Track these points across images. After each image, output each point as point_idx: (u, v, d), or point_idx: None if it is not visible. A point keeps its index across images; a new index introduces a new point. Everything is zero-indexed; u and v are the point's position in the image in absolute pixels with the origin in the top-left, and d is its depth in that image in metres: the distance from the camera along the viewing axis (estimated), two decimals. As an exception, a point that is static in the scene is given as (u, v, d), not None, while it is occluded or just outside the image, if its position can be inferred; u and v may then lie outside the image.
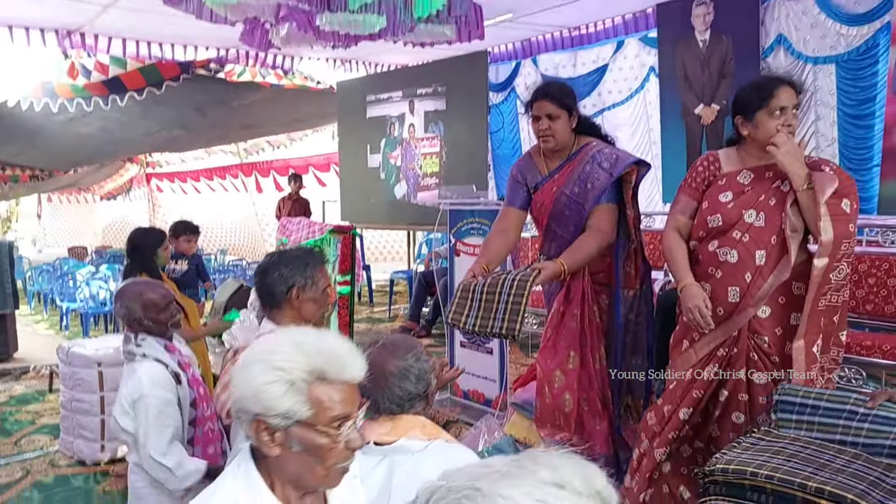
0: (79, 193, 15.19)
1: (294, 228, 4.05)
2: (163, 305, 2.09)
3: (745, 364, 2.09)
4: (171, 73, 6.20)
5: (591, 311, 2.47)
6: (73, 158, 10.24)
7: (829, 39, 4.81)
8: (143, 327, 2.07)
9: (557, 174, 2.51)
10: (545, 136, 2.45)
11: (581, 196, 2.44)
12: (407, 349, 1.42)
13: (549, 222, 2.53)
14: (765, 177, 2.10)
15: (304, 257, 1.85)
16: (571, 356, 2.47)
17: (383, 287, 7.71)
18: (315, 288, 1.83)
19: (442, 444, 1.36)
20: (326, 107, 7.83)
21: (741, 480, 1.56)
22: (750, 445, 1.71)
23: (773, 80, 2.11)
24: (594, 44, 6.37)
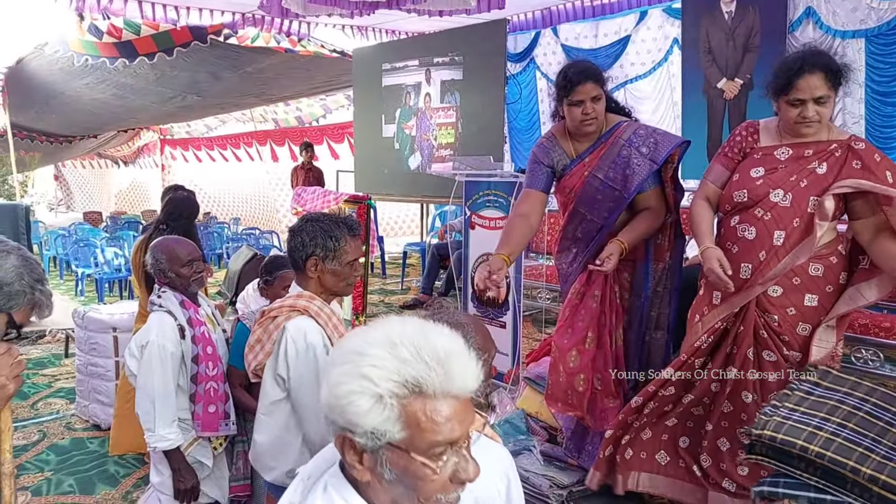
0: (94, 159, 15.27)
1: (309, 198, 4.04)
2: (186, 260, 2.19)
3: (754, 342, 2.08)
4: (184, 40, 6.15)
5: (612, 292, 2.45)
6: (89, 125, 10.27)
7: (860, 13, 4.65)
8: (168, 279, 2.19)
9: (588, 156, 2.42)
10: (589, 119, 2.33)
11: (618, 182, 2.36)
12: (456, 326, 1.25)
13: (578, 206, 2.46)
14: (803, 155, 2.03)
15: (331, 228, 1.79)
16: (589, 336, 2.45)
17: (396, 259, 7.71)
18: (337, 261, 1.79)
19: (484, 439, 1.26)
20: (341, 73, 7.74)
21: (790, 450, 1.49)
22: (802, 398, 1.60)
23: (799, 66, 1.94)
24: (616, 14, 6.20)
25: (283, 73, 7.56)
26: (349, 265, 1.81)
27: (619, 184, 2.35)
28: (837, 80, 1.95)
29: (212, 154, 13.42)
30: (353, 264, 1.82)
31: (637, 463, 2.27)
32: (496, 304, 3.50)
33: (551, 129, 2.56)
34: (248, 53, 6.83)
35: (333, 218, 1.83)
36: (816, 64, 1.94)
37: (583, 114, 2.33)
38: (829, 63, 1.95)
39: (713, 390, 2.17)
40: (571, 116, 2.36)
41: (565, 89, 2.34)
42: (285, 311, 1.76)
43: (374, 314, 5.10)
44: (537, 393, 2.95)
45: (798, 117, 1.97)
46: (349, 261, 1.81)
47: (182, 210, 3.28)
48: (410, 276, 6.79)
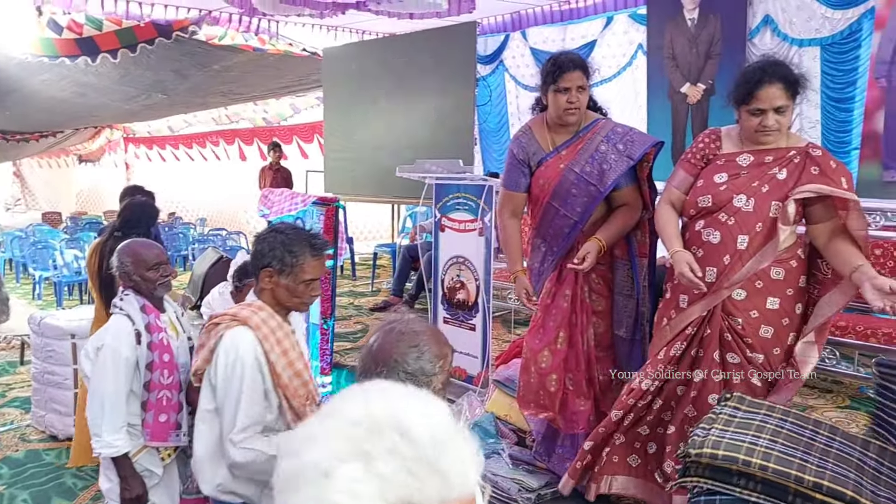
0: (58, 157, 14.80)
1: (276, 199, 3.99)
2: (152, 264, 2.15)
3: (719, 345, 2.13)
4: (148, 36, 6.00)
5: (581, 292, 2.47)
6: (47, 123, 9.95)
7: (815, 22, 4.82)
8: (133, 282, 2.15)
9: (565, 150, 2.44)
10: (573, 109, 2.37)
11: (594, 177, 2.37)
12: (411, 344, 1.27)
13: (551, 201, 2.46)
14: (763, 161, 2.09)
15: (292, 243, 1.74)
16: (561, 336, 2.47)
17: (366, 260, 7.68)
18: (293, 277, 1.74)
19: None
20: (311, 73, 7.66)
21: (730, 466, 1.51)
22: (729, 419, 1.66)
23: (759, 77, 2.00)
24: (584, 18, 6.30)
25: (251, 71, 7.44)
26: (305, 284, 1.76)
27: (594, 178, 2.37)
28: (795, 89, 2.01)
29: (177, 153, 13.14)
30: (309, 283, 1.77)
31: (610, 467, 2.31)
32: (466, 307, 3.52)
33: (528, 122, 2.57)
34: (215, 51, 6.70)
35: (300, 233, 1.79)
36: (776, 75, 2.00)
37: (567, 101, 2.35)
38: (787, 74, 2.01)
39: (679, 394, 2.22)
40: (556, 103, 2.37)
41: (553, 75, 2.36)
42: (227, 320, 1.75)
43: (343, 317, 5.06)
44: (506, 396, 2.98)
45: (759, 126, 2.03)
46: (306, 279, 1.76)
47: (140, 216, 3.19)
48: (381, 277, 6.76)
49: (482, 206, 3.34)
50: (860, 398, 3.45)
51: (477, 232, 3.41)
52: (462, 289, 3.53)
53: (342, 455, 0.60)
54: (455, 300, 3.57)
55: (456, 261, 3.56)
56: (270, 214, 3.99)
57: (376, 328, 1.37)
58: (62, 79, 6.80)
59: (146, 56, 6.26)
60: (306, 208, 3.66)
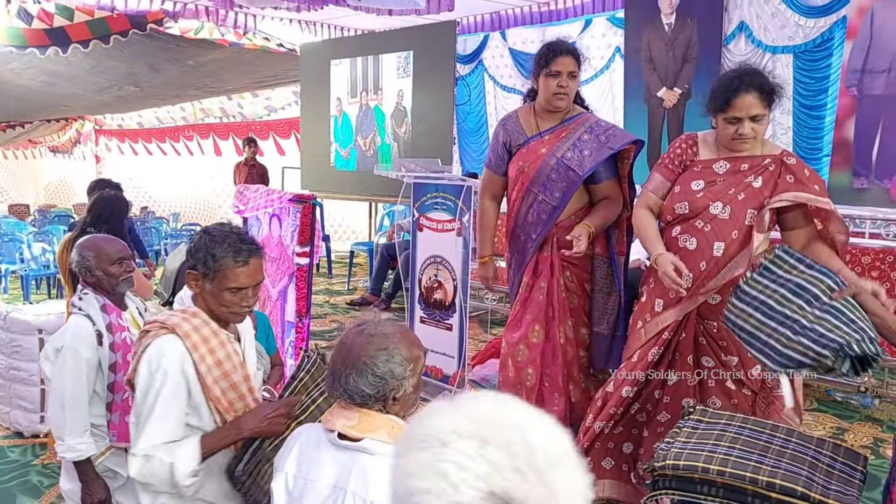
0: (25, 148, 14.41)
1: (252, 196, 3.93)
2: (116, 259, 2.09)
3: (694, 349, 2.15)
4: (121, 28, 5.87)
5: (558, 285, 2.48)
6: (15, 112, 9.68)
7: (788, 30, 4.92)
8: (95, 278, 2.08)
9: (549, 135, 2.48)
10: (562, 94, 2.41)
11: (574, 162, 2.41)
12: (380, 346, 1.27)
13: (531, 186, 2.49)
14: (739, 169, 2.10)
15: (215, 246, 1.57)
16: (536, 329, 2.48)
17: (342, 258, 7.63)
18: (216, 284, 1.58)
19: None
20: (288, 69, 7.58)
21: (691, 475, 1.57)
22: (691, 431, 1.72)
23: (736, 85, 2.00)
24: (562, 20, 6.34)
25: (226, 66, 7.34)
26: (231, 291, 1.58)
27: (574, 164, 2.41)
28: (772, 98, 2.03)
29: (149, 147, 12.89)
30: (237, 292, 1.58)
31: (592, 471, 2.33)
32: (443, 307, 3.52)
33: (518, 108, 2.64)
34: (190, 47, 6.59)
35: (228, 236, 1.59)
36: (752, 84, 2.00)
37: (558, 86, 2.39)
38: (763, 83, 2.02)
39: (656, 397, 2.24)
40: (546, 87, 2.42)
41: (545, 58, 2.41)
42: (155, 328, 1.60)
43: (319, 315, 5.02)
44: (482, 395, 2.98)
45: (735, 134, 2.04)
46: (230, 287, 1.57)
47: (111, 210, 3.12)
48: (357, 276, 6.72)
49: (461, 206, 3.33)
50: (827, 401, 3.54)
51: (455, 232, 3.41)
52: (439, 288, 3.53)
53: (462, 432, 0.64)
54: (432, 300, 3.56)
55: (433, 261, 3.55)
56: (246, 211, 3.94)
57: (347, 329, 1.37)
58: (30, 67, 6.62)
59: (119, 49, 6.13)
60: (282, 205, 3.62)
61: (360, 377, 1.26)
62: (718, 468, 1.54)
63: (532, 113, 2.54)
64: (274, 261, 3.79)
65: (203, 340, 1.59)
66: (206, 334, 1.60)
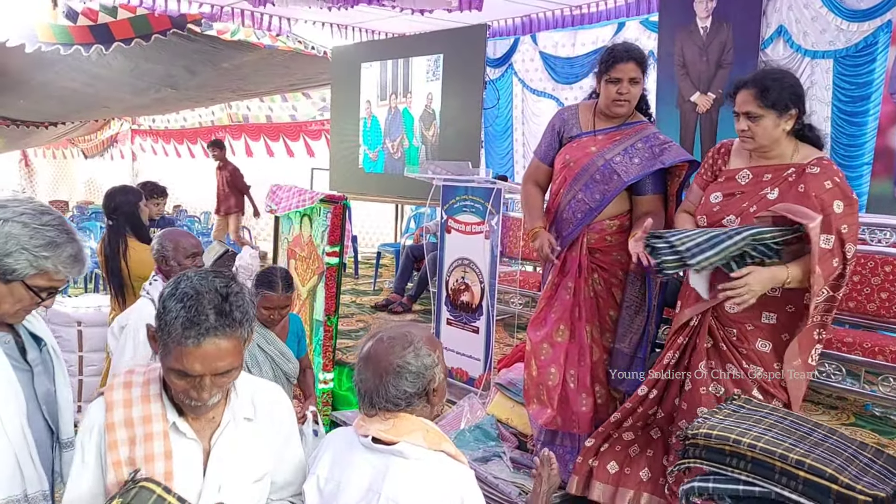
0: (65, 147, 14.85)
1: (284, 196, 3.99)
2: (190, 252, 2.35)
3: (716, 356, 2.11)
4: (162, 27, 6.02)
5: (585, 285, 2.45)
6: (58, 113, 9.98)
7: (829, 34, 4.80)
8: (168, 267, 2.33)
9: (603, 135, 2.43)
10: (623, 100, 2.35)
11: (621, 167, 2.36)
12: (404, 345, 1.30)
13: (573, 183, 2.44)
14: (762, 180, 2.06)
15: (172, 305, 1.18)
16: (561, 329, 2.45)
17: (369, 259, 7.68)
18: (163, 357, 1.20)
19: (443, 457, 1.30)
20: (319, 72, 7.68)
21: (723, 446, 1.57)
22: (731, 412, 1.72)
23: (740, 81, 2.05)
24: (594, 24, 6.29)
25: (260, 68, 7.46)
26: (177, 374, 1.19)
27: (621, 168, 2.35)
28: (769, 99, 1.97)
29: (179, 148, 13.17)
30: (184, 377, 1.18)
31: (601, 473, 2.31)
32: (470, 309, 3.51)
33: (577, 102, 2.63)
34: (226, 49, 6.72)
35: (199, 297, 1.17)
36: (750, 81, 2.02)
37: (617, 92, 2.33)
38: (758, 81, 2.00)
39: (675, 405, 2.21)
40: (606, 93, 2.37)
41: (606, 64, 2.35)
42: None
43: (345, 314, 5.05)
44: (508, 399, 2.97)
45: (737, 129, 2.05)
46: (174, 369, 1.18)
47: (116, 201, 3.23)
48: (383, 277, 6.75)
49: (490, 208, 3.32)
50: (865, 416, 3.43)
51: (483, 235, 3.40)
52: (466, 291, 3.52)
53: None
54: (459, 302, 3.56)
55: (461, 263, 3.55)
56: (278, 210, 4.00)
57: (359, 349, 1.38)
58: (73, 70, 6.82)
59: (157, 51, 6.28)
60: (313, 205, 3.66)
61: (399, 380, 1.28)
62: (750, 442, 1.54)
63: (592, 110, 2.48)
64: (304, 260, 3.83)
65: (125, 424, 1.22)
66: (135, 416, 1.23)
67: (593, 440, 2.32)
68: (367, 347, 1.34)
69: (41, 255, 1.25)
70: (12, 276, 1.24)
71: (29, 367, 1.37)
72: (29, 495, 1.25)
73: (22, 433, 1.26)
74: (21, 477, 1.25)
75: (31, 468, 1.26)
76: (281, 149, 10.95)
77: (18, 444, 1.25)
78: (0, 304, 1.27)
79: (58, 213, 1.34)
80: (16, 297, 1.27)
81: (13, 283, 1.25)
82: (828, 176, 1.96)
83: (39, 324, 1.45)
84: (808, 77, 4.95)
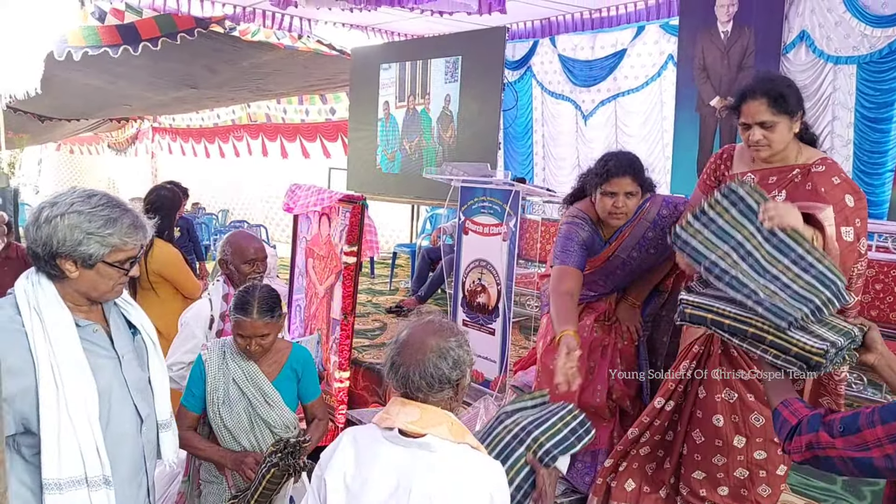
0: (88, 144, 15.08)
1: (303, 194, 4.02)
2: (249, 257, 2.36)
3: (727, 362, 2.09)
4: (187, 26, 6.12)
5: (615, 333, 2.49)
6: (80, 110, 10.14)
7: (853, 39, 4.75)
8: (228, 270, 2.36)
9: (614, 241, 2.39)
10: (619, 213, 2.26)
11: (640, 260, 2.38)
12: (453, 333, 1.40)
13: (594, 276, 2.47)
14: (767, 182, 2.03)
15: None
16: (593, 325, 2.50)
17: (385, 259, 7.71)
18: None
19: (468, 450, 1.34)
20: (339, 73, 7.73)
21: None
22: None
23: (743, 91, 1.99)
24: (614, 27, 6.28)
25: (280, 69, 7.52)
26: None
27: (641, 262, 2.39)
28: (781, 105, 1.94)
29: (197, 147, 13.32)
30: None
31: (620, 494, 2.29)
32: (486, 311, 3.52)
33: (582, 209, 2.40)
34: (247, 48, 6.79)
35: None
36: (759, 90, 1.96)
37: (613, 206, 2.25)
38: (771, 89, 1.95)
39: (696, 415, 2.18)
40: (602, 205, 2.28)
41: (601, 177, 2.25)
42: None
43: (361, 314, 5.08)
44: (524, 401, 2.96)
45: (749, 141, 2.00)
46: None
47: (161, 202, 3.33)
48: (399, 277, 6.78)
49: (508, 210, 3.33)
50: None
51: (501, 236, 3.40)
52: (483, 292, 3.53)
53: None
54: (475, 303, 3.56)
55: (478, 264, 3.55)
56: (296, 209, 4.03)
57: (405, 326, 1.43)
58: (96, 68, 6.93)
59: (178, 50, 6.36)
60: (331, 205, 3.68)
61: (441, 360, 1.34)
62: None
63: (596, 215, 2.37)
64: (322, 259, 3.86)
65: None
66: None
67: (611, 460, 2.30)
68: (411, 328, 1.41)
69: (105, 234, 1.36)
70: (91, 260, 1.36)
71: (117, 356, 1.46)
72: (89, 478, 1.34)
73: (87, 421, 1.35)
74: (82, 461, 1.34)
75: (93, 454, 1.35)
76: (297, 150, 11.05)
77: (83, 431, 1.34)
78: (98, 288, 1.39)
79: (102, 191, 1.44)
80: (105, 276, 1.39)
81: (97, 265, 1.37)
82: (834, 172, 1.97)
83: (137, 313, 1.55)
84: (830, 83, 4.90)
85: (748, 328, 1.61)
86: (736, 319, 1.63)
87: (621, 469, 2.29)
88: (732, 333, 1.66)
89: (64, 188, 1.48)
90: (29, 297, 1.36)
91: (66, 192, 1.40)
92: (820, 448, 1.30)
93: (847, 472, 1.30)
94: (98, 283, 1.40)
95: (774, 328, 1.55)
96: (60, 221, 1.33)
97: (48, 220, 1.34)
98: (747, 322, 1.61)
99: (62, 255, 1.35)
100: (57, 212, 1.34)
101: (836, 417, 1.32)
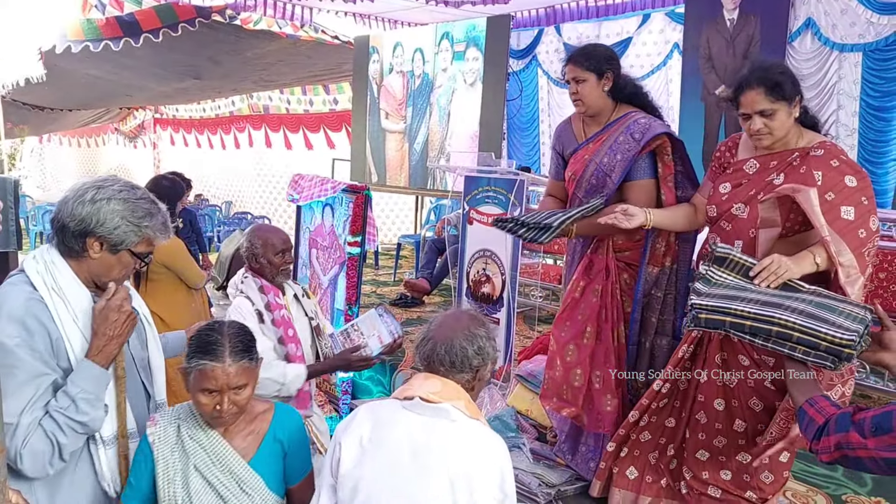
0: (90, 136, 15.08)
1: (306, 185, 4.02)
2: (279, 249, 2.33)
3: (727, 346, 2.10)
4: (188, 16, 6.08)
5: (613, 288, 2.44)
6: (82, 100, 10.12)
7: (859, 27, 4.71)
8: (258, 264, 2.32)
9: (591, 142, 2.44)
10: (575, 100, 2.40)
11: (608, 166, 2.37)
12: (485, 326, 1.49)
13: (576, 192, 2.47)
14: (768, 167, 2.05)
15: None
16: (588, 331, 2.45)
17: (389, 250, 7.72)
18: None
19: (480, 426, 1.41)
20: (342, 63, 7.69)
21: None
22: None
23: (741, 81, 1.99)
24: (619, 15, 6.24)
25: (283, 59, 7.50)
26: None
27: (609, 168, 2.36)
28: (779, 93, 1.95)
29: (200, 138, 13.30)
30: None
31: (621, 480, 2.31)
32: (490, 300, 3.53)
33: (569, 115, 2.62)
34: (249, 38, 6.76)
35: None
36: (753, 80, 1.96)
37: (570, 93, 2.40)
38: (767, 77, 1.96)
39: (692, 398, 2.20)
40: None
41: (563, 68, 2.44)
42: None
43: (366, 304, 5.09)
44: (528, 391, 2.98)
45: (751, 131, 2.01)
46: None
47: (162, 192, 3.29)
48: (403, 268, 6.79)
49: (512, 200, 3.33)
50: (888, 413, 3.38)
51: (505, 226, 3.40)
52: (487, 282, 3.53)
53: None
54: (480, 293, 3.57)
55: (482, 254, 3.56)
56: (300, 200, 4.03)
57: (430, 322, 1.52)
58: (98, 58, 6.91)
59: (181, 41, 6.34)
60: (335, 195, 3.69)
61: (468, 344, 1.43)
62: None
63: (581, 119, 2.50)
64: (325, 249, 3.87)
65: None
66: None
67: (614, 444, 2.32)
68: (450, 312, 1.53)
69: (143, 225, 1.45)
70: (121, 246, 1.45)
71: None
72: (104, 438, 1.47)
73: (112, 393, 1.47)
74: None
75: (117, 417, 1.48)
76: (300, 140, 11.03)
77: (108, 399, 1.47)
78: (109, 273, 1.46)
79: (142, 187, 1.52)
80: (123, 263, 1.47)
81: (121, 252, 1.46)
82: (833, 155, 1.97)
83: (134, 296, 1.60)
84: (835, 72, 4.86)
85: (773, 327, 1.61)
86: (757, 319, 1.63)
87: (623, 454, 2.31)
88: (754, 334, 1.65)
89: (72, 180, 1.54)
90: (45, 277, 1.41)
91: (110, 178, 1.48)
92: (850, 448, 1.28)
93: (878, 471, 1.28)
94: (112, 269, 1.46)
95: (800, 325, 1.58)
96: (105, 205, 1.41)
97: (93, 201, 1.41)
98: (771, 321, 1.61)
99: (94, 235, 1.41)
100: (103, 195, 1.42)
101: (867, 416, 1.29)
